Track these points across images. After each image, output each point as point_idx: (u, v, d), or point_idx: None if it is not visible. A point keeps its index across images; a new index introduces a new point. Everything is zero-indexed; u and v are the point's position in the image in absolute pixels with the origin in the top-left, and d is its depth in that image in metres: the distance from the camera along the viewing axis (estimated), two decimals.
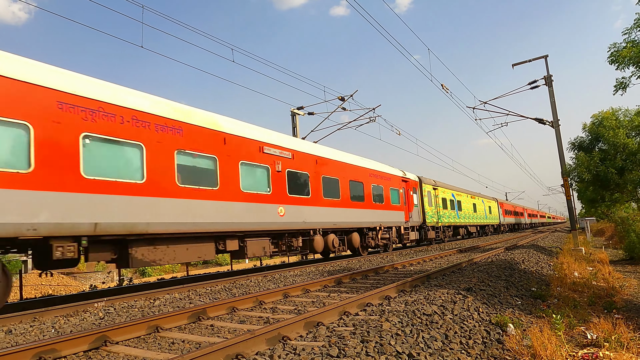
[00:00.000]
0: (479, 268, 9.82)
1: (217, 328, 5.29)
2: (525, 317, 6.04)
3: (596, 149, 19.62)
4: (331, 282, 8.84)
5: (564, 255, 15.01)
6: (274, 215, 11.52)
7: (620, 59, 10.15)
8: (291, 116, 21.65)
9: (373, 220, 16.98)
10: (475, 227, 33.22)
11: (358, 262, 14.13)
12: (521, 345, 4.51)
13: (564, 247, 19.41)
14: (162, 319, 5.33)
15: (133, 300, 7.79)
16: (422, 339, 4.24)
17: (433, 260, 13.67)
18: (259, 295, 6.96)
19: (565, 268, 11.62)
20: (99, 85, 7.95)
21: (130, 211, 7.92)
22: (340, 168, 15.25)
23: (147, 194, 8.28)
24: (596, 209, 34.96)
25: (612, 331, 5.04)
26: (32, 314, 6.51)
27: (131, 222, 7.91)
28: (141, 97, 8.69)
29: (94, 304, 7.31)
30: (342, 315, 5.40)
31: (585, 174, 18.44)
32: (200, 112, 10.05)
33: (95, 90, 7.75)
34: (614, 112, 19.19)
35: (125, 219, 7.82)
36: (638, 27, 9.92)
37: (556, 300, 7.60)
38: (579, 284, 9.66)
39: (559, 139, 20.09)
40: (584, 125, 20.57)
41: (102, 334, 4.66)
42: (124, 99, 8.20)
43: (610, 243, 27.34)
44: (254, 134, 11.41)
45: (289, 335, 4.38)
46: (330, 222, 14.12)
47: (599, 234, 39.33)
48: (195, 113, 9.87)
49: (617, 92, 10.96)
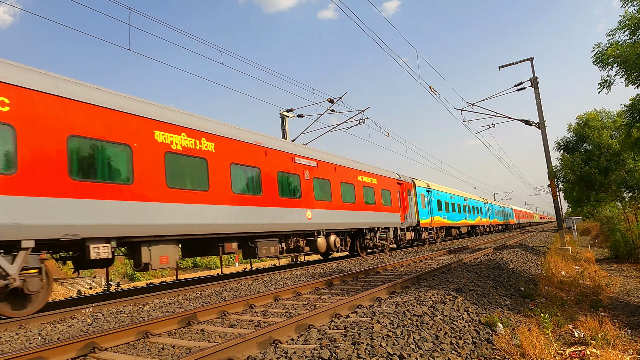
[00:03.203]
0: (469, 268, 9.91)
1: (208, 332, 5.25)
2: (514, 317, 6.11)
3: (582, 150, 19.95)
4: (322, 284, 8.84)
5: (551, 255, 15.24)
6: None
7: (605, 58, 10.36)
8: (280, 118, 21.62)
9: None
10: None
11: (349, 264, 14.15)
12: (510, 344, 4.57)
13: (551, 247, 19.70)
14: (152, 325, 5.27)
15: (122, 306, 7.69)
16: (413, 340, 4.26)
17: (423, 261, 13.75)
18: (250, 299, 6.92)
19: (552, 267, 11.79)
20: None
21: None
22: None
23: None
24: (582, 209, 35.51)
25: (598, 329, 5.13)
26: (17, 321, 6.38)
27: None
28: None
29: (81, 310, 7.19)
30: (333, 317, 5.41)
31: (570, 175, 18.74)
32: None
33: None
34: (598, 113, 19.53)
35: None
36: (622, 29, 10.13)
37: (544, 299, 7.70)
38: (566, 282, 9.81)
39: (545, 140, 20.40)
40: (569, 126, 20.90)
41: (91, 340, 4.59)
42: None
43: (596, 242, 27.80)
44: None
45: (280, 338, 4.36)
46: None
47: (585, 233, 39.97)
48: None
49: (601, 91, 11.17)
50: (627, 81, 10.25)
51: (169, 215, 8.69)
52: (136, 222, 8.02)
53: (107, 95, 8.08)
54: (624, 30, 10.08)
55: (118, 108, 8.12)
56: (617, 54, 10.00)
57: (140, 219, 8.11)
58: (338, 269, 12.78)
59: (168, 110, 9.34)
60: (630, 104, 10.65)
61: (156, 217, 8.41)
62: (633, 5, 9.84)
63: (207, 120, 10.38)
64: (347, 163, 16.59)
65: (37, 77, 6.99)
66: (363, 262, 14.59)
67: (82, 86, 7.75)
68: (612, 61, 10.26)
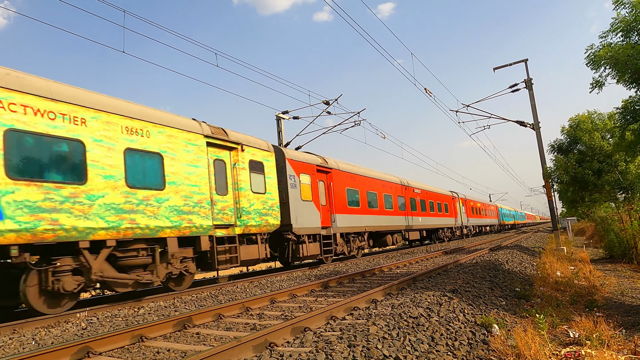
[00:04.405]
0: (465, 269, 9.94)
1: (203, 336, 5.23)
2: (509, 317, 6.12)
3: (575, 151, 20.10)
4: (318, 286, 8.83)
5: (546, 255, 15.30)
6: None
7: (597, 59, 10.47)
8: (276, 120, 21.61)
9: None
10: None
11: (345, 266, 14.14)
12: (506, 345, 4.58)
13: (546, 247, 19.78)
14: (147, 328, 5.24)
15: (117, 310, 7.64)
16: (408, 342, 4.26)
17: (420, 263, 13.77)
18: (246, 302, 6.90)
19: (547, 268, 11.84)
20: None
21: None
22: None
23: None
24: (577, 209, 35.73)
25: (593, 329, 5.15)
26: (11, 325, 6.32)
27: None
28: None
29: (76, 314, 7.14)
30: (329, 319, 5.40)
31: (564, 176, 18.88)
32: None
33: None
34: (590, 115, 19.69)
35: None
36: (614, 31, 10.23)
37: (539, 300, 7.73)
38: (562, 283, 9.86)
39: (539, 141, 20.51)
40: (562, 128, 21.06)
41: (85, 345, 4.55)
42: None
43: (591, 242, 27.97)
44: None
45: (276, 341, 4.35)
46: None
47: (580, 234, 40.21)
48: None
49: (593, 91, 11.28)
50: (618, 82, 10.35)
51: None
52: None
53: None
54: (616, 32, 10.19)
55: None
56: (609, 56, 10.10)
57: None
58: (334, 270, 12.77)
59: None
60: (623, 106, 10.75)
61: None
62: (625, 7, 9.95)
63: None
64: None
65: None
66: (359, 264, 14.58)
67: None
68: (604, 62, 10.36)
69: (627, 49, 9.59)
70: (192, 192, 9.33)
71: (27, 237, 6.47)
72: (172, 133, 9.14)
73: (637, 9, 9.65)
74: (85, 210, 7.23)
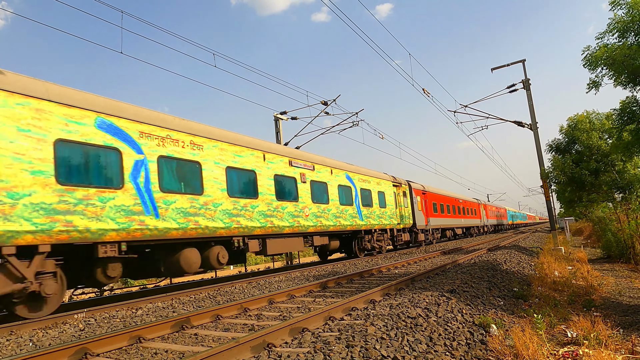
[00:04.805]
0: (463, 270, 9.95)
1: (201, 337, 5.22)
2: (507, 317, 6.14)
3: (573, 151, 20.14)
4: (316, 287, 8.83)
5: (544, 255, 15.34)
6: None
7: (594, 59, 10.50)
8: (274, 121, 21.63)
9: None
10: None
11: (343, 266, 14.15)
12: (504, 345, 4.58)
13: (544, 247, 19.82)
14: (145, 329, 5.23)
15: (114, 311, 7.62)
16: (407, 342, 4.27)
17: (417, 263, 13.78)
18: (244, 302, 6.89)
19: (545, 267, 11.86)
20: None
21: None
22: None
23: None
24: (574, 209, 35.82)
25: (591, 329, 5.17)
26: (8, 327, 6.31)
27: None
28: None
29: (73, 315, 7.12)
30: (327, 320, 5.40)
31: (561, 176, 18.93)
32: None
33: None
34: (588, 115, 19.73)
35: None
36: (611, 32, 10.25)
37: (537, 300, 7.75)
38: (559, 283, 9.88)
39: (537, 141, 20.55)
40: (560, 128, 21.11)
41: (82, 346, 4.54)
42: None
43: (589, 242, 28.05)
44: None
45: (274, 342, 4.35)
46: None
47: (578, 234, 40.31)
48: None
49: (590, 91, 11.31)
50: (615, 82, 10.37)
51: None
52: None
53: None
54: (613, 33, 10.21)
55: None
56: (606, 57, 10.13)
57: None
58: (333, 271, 12.77)
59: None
60: (620, 107, 10.77)
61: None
62: (621, 8, 9.97)
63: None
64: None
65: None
66: (357, 265, 14.59)
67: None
68: (600, 63, 10.39)
69: (624, 49, 9.62)
70: (389, 206, 19.69)
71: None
72: (382, 182, 19.68)
73: (633, 10, 9.68)
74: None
